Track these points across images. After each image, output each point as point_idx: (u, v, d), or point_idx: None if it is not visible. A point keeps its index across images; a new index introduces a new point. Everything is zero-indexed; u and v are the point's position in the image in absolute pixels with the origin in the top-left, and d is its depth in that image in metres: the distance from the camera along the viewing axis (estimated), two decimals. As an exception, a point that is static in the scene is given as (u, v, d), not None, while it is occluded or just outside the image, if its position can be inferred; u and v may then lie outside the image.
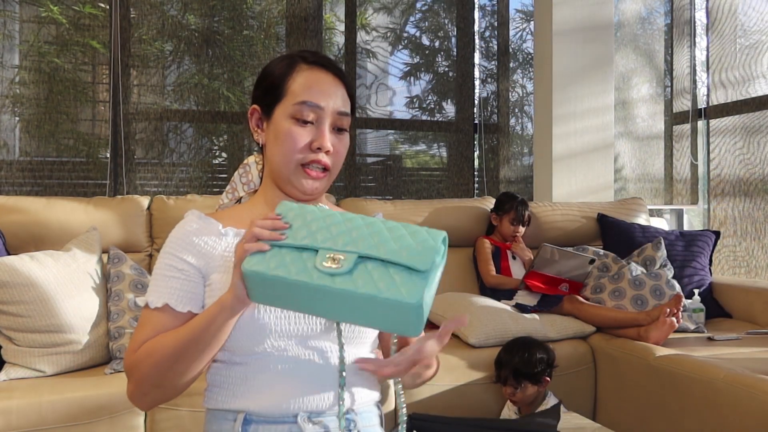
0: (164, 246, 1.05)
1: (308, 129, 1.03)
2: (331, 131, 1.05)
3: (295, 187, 1.05)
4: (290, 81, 1.05)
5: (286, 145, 1.03)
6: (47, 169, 3.16)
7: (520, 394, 2.17)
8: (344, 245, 0.85)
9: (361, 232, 0.86)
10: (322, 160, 1.03)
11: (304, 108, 1.02)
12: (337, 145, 1.05)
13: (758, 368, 2.02)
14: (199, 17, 3.45)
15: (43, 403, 1.81)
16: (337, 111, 1.05)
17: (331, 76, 1.07)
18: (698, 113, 4.17)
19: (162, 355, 0.93)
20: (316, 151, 1.03)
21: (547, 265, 2.64)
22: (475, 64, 4.02)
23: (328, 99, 1.04)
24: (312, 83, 1.04)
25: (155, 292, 1.00)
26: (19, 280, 1.95)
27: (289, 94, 1.04)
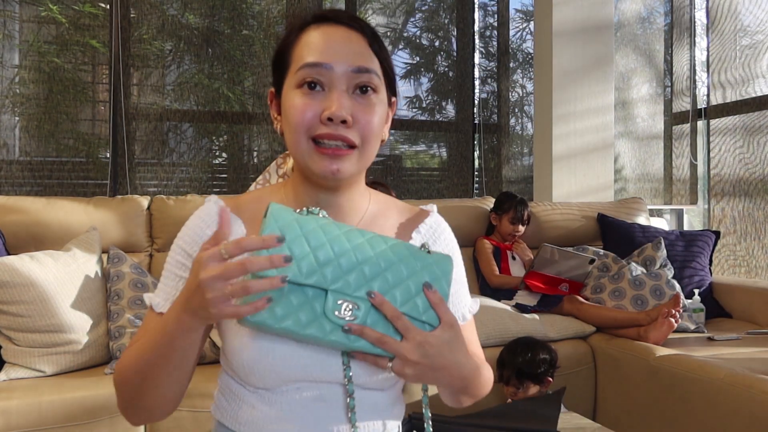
0: (178, 236, 0.90)
1: (317, 97, 0.83)
2: (349, 95, 0.83)
3: (313, 172, 0.84)
4: (295, 45, 0.86)
5: (293, 119, 0.83)
6: (47, 169, 3.16)
7: (522, 394, 2.17)
8: (357, 287, 0.76)
9: (374, 267, 0.77)
10: (336, 133, 0.81)
11: (307, 71, 0.82)
12: (359, 111, 0.83)
13: (758, 368, 2.02)
14: (199, 17, 3.45)
15: (43, 403, 1.81)
16: (351, 68, 0.83)
17: (343, 30, 0.85)
18: (698, 113, 4.17)
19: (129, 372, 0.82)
20: (327, 122, 0.81)
21: (547, 265, 2.64)
22: (475, 64, 4.02)
23: (337, 55, 0.83)
24: (317, 40, 0.84)
25: (163, 294, 0.87)
26: (19, 280, 1.95)
27: (294, 61, 0.85)
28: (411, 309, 0.78)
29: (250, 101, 3.55)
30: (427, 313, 0.79)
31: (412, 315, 0.78)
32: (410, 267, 0.79)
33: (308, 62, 0.83)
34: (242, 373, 0.84)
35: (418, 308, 0.79)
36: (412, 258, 0.80)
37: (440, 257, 0.83)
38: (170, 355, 0.78)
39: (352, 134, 0.83)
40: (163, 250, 2.60)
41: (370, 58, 0.85)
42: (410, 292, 0.78)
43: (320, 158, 0.82)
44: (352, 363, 0.83)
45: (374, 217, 0.94)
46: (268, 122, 3.53)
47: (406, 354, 0.77)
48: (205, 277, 0.69)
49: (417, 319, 0.78)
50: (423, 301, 0.79)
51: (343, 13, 0.88)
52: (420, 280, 0.79)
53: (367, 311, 0.76)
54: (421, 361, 0.78)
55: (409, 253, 0.80)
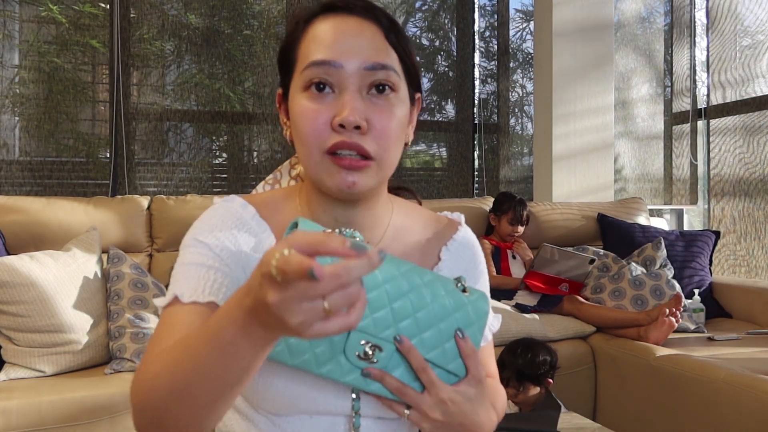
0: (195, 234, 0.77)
1: (326, 100, 0.72)
2: (362, 96, 0.73)
3: (327, 187, 0.74)
4: (302, 41, 0.75)
5: (301, 128, 0.73)
6: (47, 169, 3.16)
7: (522, 395, 2.16)
8: (384, 327, 0.68)
9: (405, 306, 0.69)
10: (350, 141, 0.71)
11: (313, 71, 0.72)
12: (375, 114, 0.72)
13: (758, 368, 2.02)
14: (199, 17, 3.45)
15: (43, 403, 1.80)
16: (365, 64, 0.72)
17: (355, 20, 0.74)
18: (698, 113, 4.17)
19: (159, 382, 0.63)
20: (339, 130, 0.71)
21: (547, 265, 2.64)
22: (475, 64, 4.02)
23: (347, 51, 0.72)
24: (324, 35, 0.73)
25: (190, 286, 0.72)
26: (19, 280, 1.95)
27: (299, 60, 0.75)
28: (438, 356, 0.72)
29: (251, 101, 3.55)
30: (455, 362, 0.73)
31: (438, 363, 0.72)
32: (444, 308, 0.71)
33: (314, 60, 0.72)
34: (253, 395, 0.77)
35: (446, 356, 0.72)
36: (447, 297, 0.72)
37: (476, 298, 0.74)
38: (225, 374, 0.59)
39: (368, 142, 0.72)
40: (163, 250, 2.61)
41: (386, 52, 0.74)
42: (440, 338, 0.71)
43: (336, 170, 0.72)
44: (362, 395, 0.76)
45: (397, 232, 0.85)
46: (268, 122, 3.53)
47: (427, 410, 0.71)
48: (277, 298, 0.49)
49: (443, 368, 0.72)
50: (452, 347, 0.72)
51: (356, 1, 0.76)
52: (452, 325, 0.72)
53: (390, 355, 0.69)
54: (441, 419, 0.72)
55: (444, 291, 0.72)
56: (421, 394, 0.71)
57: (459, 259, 0.88)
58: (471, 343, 0.73)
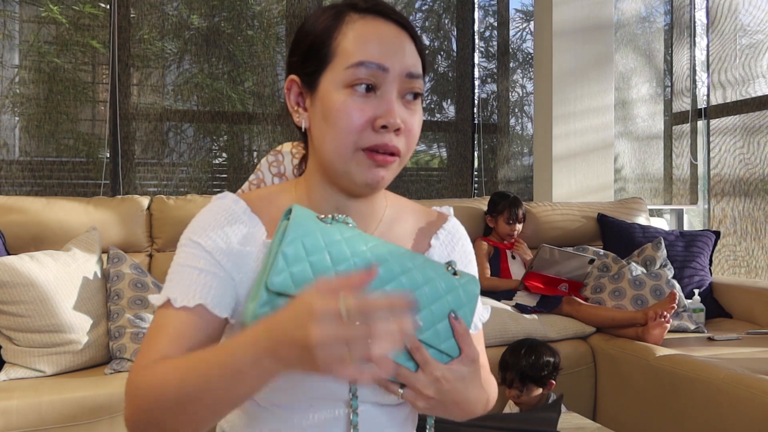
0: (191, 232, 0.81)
1: (369, 100, 0.76)
2: (398, 100, 0.78)
3: (353, 180, 0.78)
4: (339, 37, 0.78)
5: (340, 123, 0.76)
6: (47, 169, 3.16)
7: (525, 396, 2.16)
8: None
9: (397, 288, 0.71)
10: (389, 144, 0.76)
11: (362, 71, 0.75)
12: (407, 118, 0.78)
13: (758, 368, 2.02)
14: (200, 17, 3.45)
15: (43, 403, 1.81)
16: (406, 72, 0.77)
17: (394, 27, 0.79)
18: (698, 113, 4.17)
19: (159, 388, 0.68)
20: (380, 130, 0.76)
21: (547, 265, 2.64)
22: (474, 64, 4.02)
23: (393, 56, 0.76)
24: (370, 36, 0.77)
25: (181, 289, 0.77)
26: (19, 280, 1.95)
27: (340, 54, 0.77)
28: (431, 336, 0.73)
29: (251, 101, 3.55)
30: (448, 342, 0.75)
31: (432, 344, 0.73)
32: (436, 290, 0.74)
33: (366, 60, 0.76)
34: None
35: (439, 336, 0.74)
36: (439, 280, 0.74)
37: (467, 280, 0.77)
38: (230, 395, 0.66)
39: (401, 143, 0.78)
40: (163, 250, 2.61)
41: (419, 62, 0.80)
42: (433, 318, 0.73)
43: (368, 166, 0.77)
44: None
45: (392, 222, 0.90)
46: (268, 122, 3.53)
47: (421, 388, 0.73)
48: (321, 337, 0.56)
49: (436, 348, 0.74)
50: (445, 328, 0.74)
51: (388, 7, 0.81)
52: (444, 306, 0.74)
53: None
54: (435, 397, 0.74)
55: (435, 275, 0.74)
56: (415, 373, 0.73)
57: (448, 246, 0.92)
58: (464, 323, 0.77)
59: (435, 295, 0.74)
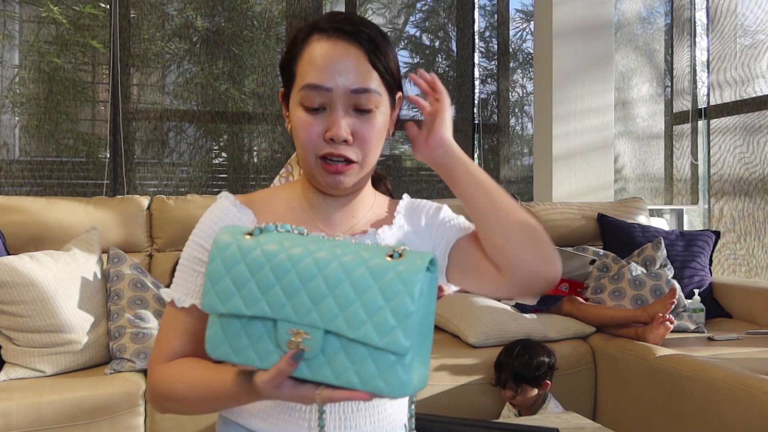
0: (193, 233, 0.93)
1: (320, 116, 0.87)
2: (348, 115, 0.87)
3: (319, 183, 0.91)
4: (299, 60, 0.89)
5: (300, 137, 0.88)
6: (47, 169, 3.16)
7: (520, 397, 2.15)
8: (305, 314, 0.70)
9: (320, 290, 0.69)
10: (337, 152, 0.86)
11: (309, 93, 0.86)
12: (359, 130, 0.87)
13: (758, 368, 2.02)
14: (200, 17, 3.45)
15: (43, 403, 1.81)
16: (349, 90, 0.86)
17: (344, 46, 0.87)
18: (698, 113, 4.17)
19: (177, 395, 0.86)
20: (329, 142, 0.86)
21: (547, 265, 2.64)
22: (475, 64, 4.02)
23: (335, 77, 0.85)
24: (319, 60, 0.86)
25: (182, 289, 0.90)
26: (19, 280, 1.95)
27: (298, 76, 0.89)
28: (364, 335, 0.68)
29: (251, 101, 3.55)
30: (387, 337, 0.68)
31: (368, 342, 0.68)
32: (361, 286, 0.69)
33: (309, 83, 0.86)
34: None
35: (372, 335, 0.68)
36: (368, 274, 0.69)
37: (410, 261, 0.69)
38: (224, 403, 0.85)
39: (353, 152, 0.88)
40: (163, 250, 2.61)
41: (368, 76, 0.87)
42: (359, 318, 0.68)
43: (326, 173, 0.88)
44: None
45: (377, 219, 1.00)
46: (268, 122, 3.53)
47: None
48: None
49: (373, 346, 0.68)
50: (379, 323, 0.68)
51: (346, 22, 0.88)
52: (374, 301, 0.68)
53: (320, 339, 0.69)
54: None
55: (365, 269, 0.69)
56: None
57: (409, 217, 1.00)
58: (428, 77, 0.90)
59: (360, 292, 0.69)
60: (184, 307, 0.89)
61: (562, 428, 1.81)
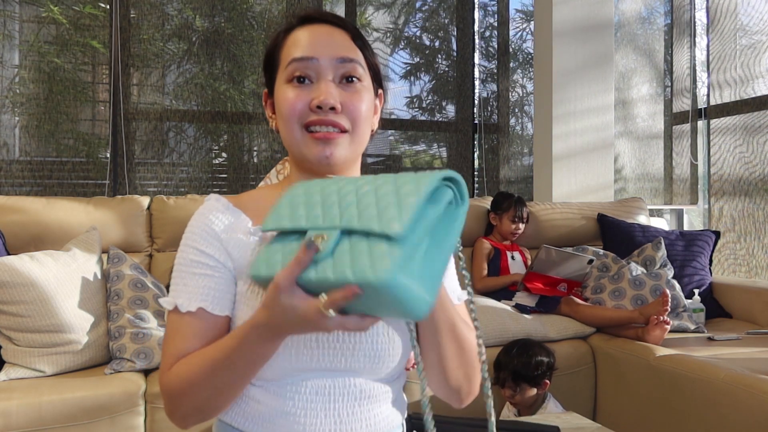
0: (185, 237, 0.90)
1: (307, 87, 0.88)
2: (336, 84, 0.88)
3: (308, 159, 0.88)
4: (283, 47, 0.92)
5: (285, 111, 0.88)
6: (47, 169, 3.16)
7: (519, 396, 2.16)
8: (330, 220, 0.73)
9: (348, 200, 0.73)
10: (326, 119, 0.86)
11: (296, 65, 0.88)
12: (347, 98, 0.87)
13: (758, 368, 2.02)
14: (200, 17, 3.45)
15: (43, 403, 1.81)
16: (336, 58, 0.88)
17: (325, 27, 0.91)
18: (698, 113, 4.17)
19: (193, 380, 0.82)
20: (317, 110, 0.86)
21: (547, 266, 2.64)
22: (475, 64, 4.02)
23: (321, 48, 0.88)
24: (301, 38, 0.89)
25: (185, 294, 0.86)
26: (19, 280, 1.95)
27: (282, 59, 0.91)
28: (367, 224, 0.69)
29: (251, 101, 3.55)
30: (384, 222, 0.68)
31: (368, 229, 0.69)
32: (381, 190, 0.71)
33: (296, 57, 0.88)
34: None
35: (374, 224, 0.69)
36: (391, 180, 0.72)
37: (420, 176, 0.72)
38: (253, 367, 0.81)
39: (342, 119, 0.87)
40: (163, 250, 2.61)
41: (353, 50, 0.90)
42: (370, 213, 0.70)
43: (314, 144, 0.87)
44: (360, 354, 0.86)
45: None
46: (268, 122, 3.53)
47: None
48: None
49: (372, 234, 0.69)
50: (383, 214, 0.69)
51: (327, 13, 0.93)
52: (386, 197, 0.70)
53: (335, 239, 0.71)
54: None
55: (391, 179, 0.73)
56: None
57: None
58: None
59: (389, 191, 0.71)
60: (191, 311, 0.85)
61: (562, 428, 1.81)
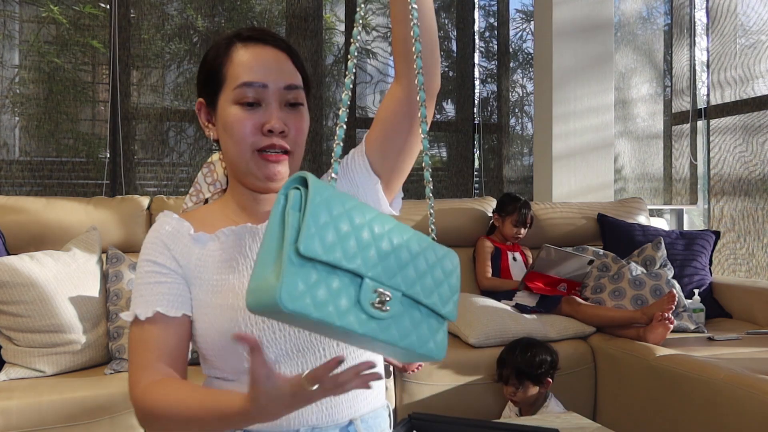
0: (140, 254, 0.97)
1: (256, 112, 0.93)
2: (281, 109, 0.95)
3: (256, 177, 0.95)
4: (228, 64, 0.95)
5: (235, 133, 0.93)
6: (47, 169, 3.16)
7: (521, 394, 2.16)
8: (390, 276, 0.73)
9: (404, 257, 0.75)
10: (277, 144, 0.93)
11: (246, 90, 0.93)
12: (291, 122, 0.95)
13: (758, 368, 2.02)
14: (200, 17, 3.45)
15: (43, 403, 1.81)
16: (283, 86, 0.94)
17: (271, 50, 0.96)
18: (698, 113, 4.17)
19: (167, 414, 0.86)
20: (267, 134, 0.93)
21: (548, 266, 2.64)
22: (475, 64, 4.02)
23: (270, 75, 0.94)
24: (250, 61, 0.94)
25: (142, 303, 0.93)
26: (19, 280, 1.95)
27: (229, 78, 0.95)
28: (433, 303, 0.78)
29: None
30: (447, 307, 0.80)
31: (434, 308, 0.78)
32: (428, 259, 0.79)
33: (245, 81, 0.93)
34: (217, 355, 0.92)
35: (438, 303, 0.79)
36: (429, 250, 0.79)
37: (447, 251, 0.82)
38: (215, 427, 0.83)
39: (288, 142, 0.95)
40: (163, 250, 2.60)
41: (296, 75, 0.97)
42: (430, 287, 0.78)
43: (264, 164, 0.93)
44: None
45: None
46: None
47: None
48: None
49: (437, 313, 0.79)
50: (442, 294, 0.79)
51: (267, 33, 0.98)
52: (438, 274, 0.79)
53: (398, 303, 0.73)
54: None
55: (427, 245, 0.79)
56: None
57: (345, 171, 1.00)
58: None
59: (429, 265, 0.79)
60: (149, 317, 0.91)
61: (562, 428, 1.81)
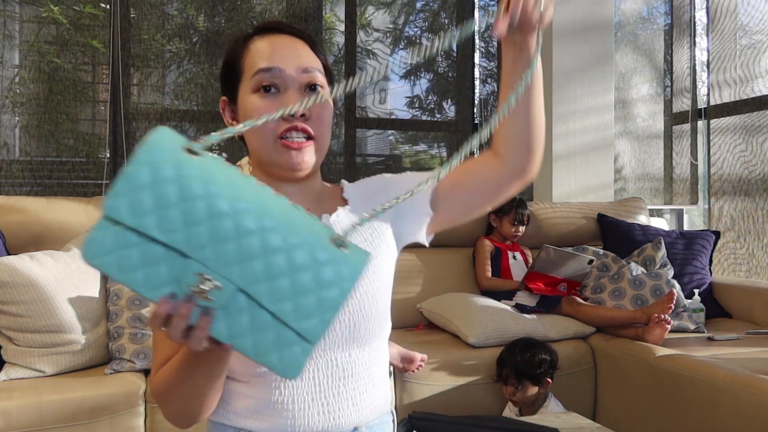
0: None
1: (275, 96, 0.91)
2: (301, 92, 0.92)
3: (280, 166, 0.91)
4: (245, 55, 0.94)
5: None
6: (47, 169, 3.16)
7: (521, 394, 2.17)
8: (225, 265, 0.62)
9: (252, 249, 0.62)
10: (299, 126, 0.89)
11: (263, 76, 0.90)
12: (315, 108, 0.90)
13: (758, 368, 2.02)
14: (200, 17, 3.45)
15: (43, 403, 1.81)
16: (301, 68, 0.91)
17: (287, 37, 0.94)
18: (698, 113, 4.17)
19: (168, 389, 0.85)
20: (288, 118, 0.88)
21: (548, 266, 2.64)
22: (475, 64, 4.02)
23: (287, 59, 0.91)
24: (266, 48, 0.92)
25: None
26: (19, 280, 1.95)
27: (246, 68, 0.93)
28: (281, 311, 0.63)
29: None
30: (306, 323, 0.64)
31: (283, 319, 0.63)
32: (294, 259, 0.63)
33: (261, 67, 0.90)
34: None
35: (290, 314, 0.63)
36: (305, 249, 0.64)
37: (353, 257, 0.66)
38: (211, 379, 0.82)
39: (311, 125, 0.90)
40: (163, 250, 2.61)
41: (314, 59, 0.94)
42: (283, 292, 0.63)
43: (286, 152, 0.89)
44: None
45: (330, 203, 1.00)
46: (268, 122, 3.53)
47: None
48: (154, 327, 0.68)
49: (289, 327, 0.63)
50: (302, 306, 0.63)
51: (285, 24, 0.97)
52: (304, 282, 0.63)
53: (228, 295, 0.62)
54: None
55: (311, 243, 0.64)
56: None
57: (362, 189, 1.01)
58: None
59: (307, 264, 0.63)
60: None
61: (562, 428, 1.81)
